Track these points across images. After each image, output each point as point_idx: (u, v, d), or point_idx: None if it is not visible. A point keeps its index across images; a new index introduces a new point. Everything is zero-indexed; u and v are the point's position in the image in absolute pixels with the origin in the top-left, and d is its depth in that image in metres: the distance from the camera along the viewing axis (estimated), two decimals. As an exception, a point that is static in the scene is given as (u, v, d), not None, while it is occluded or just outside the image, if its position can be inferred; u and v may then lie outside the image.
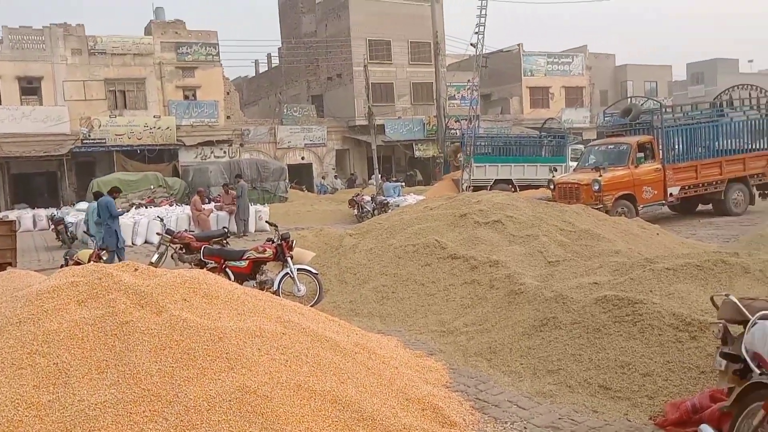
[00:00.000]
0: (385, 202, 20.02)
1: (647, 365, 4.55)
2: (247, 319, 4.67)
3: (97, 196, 13.11)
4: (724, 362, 3.51)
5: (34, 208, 26.05)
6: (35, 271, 9.87)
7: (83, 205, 23.05)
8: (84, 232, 14.84)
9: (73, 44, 30.49)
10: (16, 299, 4.55)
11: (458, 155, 27.25)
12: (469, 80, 32.60)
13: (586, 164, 15.97)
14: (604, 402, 4.42)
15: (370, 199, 21.03)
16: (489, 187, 21.61)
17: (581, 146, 26.31)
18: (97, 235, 12.70)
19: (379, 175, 25.77)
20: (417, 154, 36.22)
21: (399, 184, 25.01)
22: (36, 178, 31.14)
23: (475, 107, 26.66)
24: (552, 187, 15.86)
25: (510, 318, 5.96)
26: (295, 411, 3.80)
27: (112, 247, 11.58)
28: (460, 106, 36.97)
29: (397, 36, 36.37)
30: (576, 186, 14.79)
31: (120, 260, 10.22)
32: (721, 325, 3.60)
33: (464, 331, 6.27)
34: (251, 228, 19.31)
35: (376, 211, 19.77)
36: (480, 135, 25.64)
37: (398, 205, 19.08)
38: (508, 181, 23.13)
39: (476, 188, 21.07)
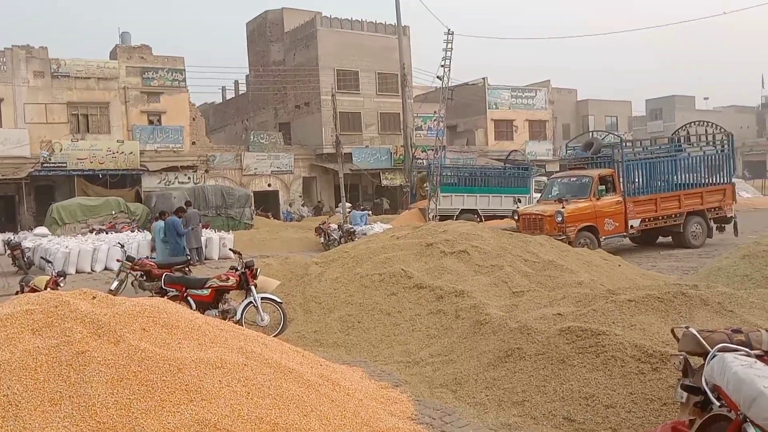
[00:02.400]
0: (352, 230, 19.99)
1: (610, 397, 4.58)
2: (208, 349, 4.57)
3: (161, 216, 14.45)
4: (685, 394, 3.56)
5: (-11, 233, 25.21)
6: (-13, 298, 9.53)
7: (42, 230, 22.46)
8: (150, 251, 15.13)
9: (36, 66, 29.99)
10: (-35, 328, 4.36)
11: (425, 184, 27.49)
12: (435, 111, 33.05)
13: (549, 196, 16.27)
14: (569, 434, 4.42)
15: (336, 227, 20.97)
16: (455, 217, 21.81)
17: (544, 178, 26.80)
18: (162, 253, 13.70)
19: (347, 203, 25.75)
20: (384, 182, 36.39)
21: (366, 212, 25.02)
22: (-8, 202, 30.27)
23: (441, 138, 26.97)
24: (516, 217, 16.07)
25: (475, 348, 5.95)
26: (257, 445, 3.70)
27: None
28: (426, 136, 37.39)
29: (365, 66, 36.78)
30: (540, 217, 15.02)
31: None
32: (681, 357, 3.65)
33: (430, 362, 6.24)
34: (215, 255, 19.02)
35: (342, 239, 19.70)
36: (446, 165, 25.94)
37: (365, 234, 19.07)
38: (474, 211, 23.39)
39: (443, 217, 21.21)
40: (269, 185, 35.12)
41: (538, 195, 23.22)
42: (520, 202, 21.92)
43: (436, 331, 6.84)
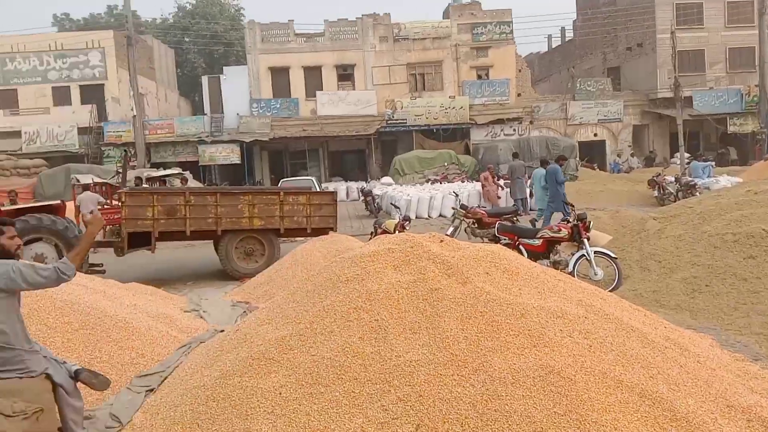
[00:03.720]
0: (693, 183, 18.00)
1: None
2: (548, 298, 4.61)
3: (543, 163, 14.61)
4: None
5: (346, 182, 29.56)
6: (350, 236, 11.19)
7: (387, 179, 25.44)
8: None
9: (381, 32, 33.47)
10: (343, 260, 5.17)
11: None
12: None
13: None
14: None
15: (673, 179, 19.13)
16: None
17: None
18: (541, 200, 14.18)
19: (686, 154, 23.23)
20: (731, 129, 31.73)
21: (709, 163, 22.22)
22: (348, 155, 35.28)
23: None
24: None
25: None
26: (601, 399, 3.63)
27: (559, 210, 12.65)
28: (791, 73, 31.20)
29: (712, -4, 32.10)
30: None
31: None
32: None
33: (800, 338, 5.32)
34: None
35: (680, 194, 17.93)
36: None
37: (708, 188, 17.05)
38: None
39: (812, 170, 17.67)
40: (595, 135, 33.64)
41: None
42: None
43: (809, 303, 5.78)
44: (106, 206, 12.83)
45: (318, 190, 16.33)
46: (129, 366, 4.94)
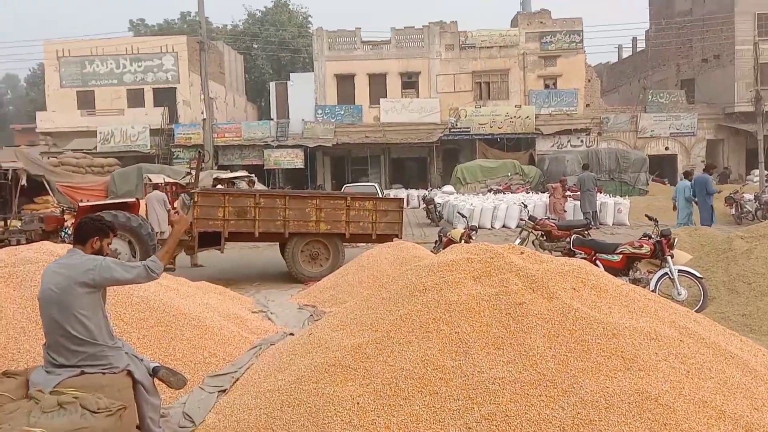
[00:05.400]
0: (775, 202, 17.04)
1: None
2: (639, 318, 4.33)
3: (687, 175, 13.94)
4: None
5: (407, 189, 29.47)
6: (415, 243, 11.04)
7: (448, 188, 25.21)
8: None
9: (447, 40, 33.30)
10: (419, 269, 5.02)
11: None
12: None
13: None
14: None
15: (753, 197, 18.16)
16: None
17: None
18: (683, 211, 13.48)
19: (765, 171, 22.04)
20: (818, 146, 29.98)
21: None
22: (409, 162, 35.19)
23: None
24: None
25: None
26: (702, 429, 3.35)
27: (706, 222, 12.45)
28: None
29: (799, 5, 30.49)
30: None
31: None
32: None
33: None
34: (609, 221, 18.51)
35: (759, 212, 17.01)
36: None
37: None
38: None
39: None
40: (666, 148, 32.42)
41: None
42: None
43: None
44: (168, 210, 13.07)
45: (381, 196, 16.25)
46: (201, 365, 4.93)
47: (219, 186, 16.05)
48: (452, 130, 31.69)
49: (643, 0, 45.35)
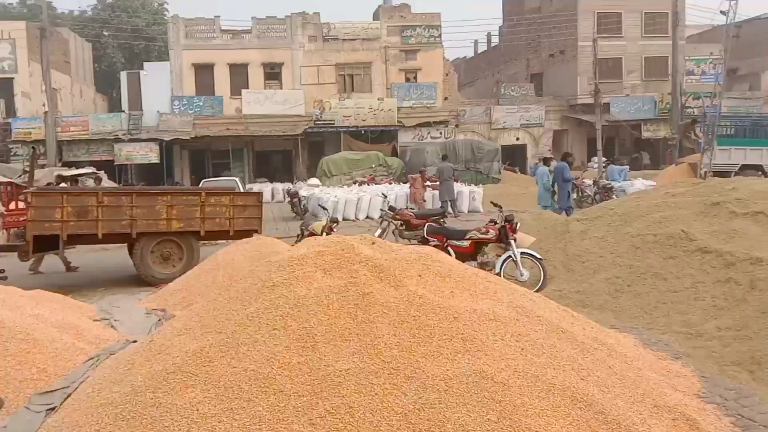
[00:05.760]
0: (609, 186, 18.70)
1: None
2: (480, 300, 4.53)
3: (545, 161, 15.42)
4: None
5: (272, 182, 29.00)
6: (277, 238, 10.86)
7: (314, 180, 25.10)
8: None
9: (310, 31, 33.11)
10: (269, 264, 4.91)
11: (691, 133, 24.46)
12: (712, 53, 29.01)
13: None
14: None
15: (591, 182, 19.81)
16: (733, 174, 19.12)
17: None
18: (543, 198, 14.57)
19: (602, 158, 24.16)
20: (645, 135, 33.35)
21: (625, 167, 23.21)
22: (274, 156, 34.66)
23: (720, 83, 23.58)
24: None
25: (780, 326, 5.06)
26: (534, 403, 3.56)
27: (564, 206, 13.58)
28: (699, 82, 33.19)
29: (630, 7, 33.64)
30: None
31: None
32: None
33: (717, 336, 5.49)
34: (464, 208, 19.36)
35: (597, 196, 18.57)
36: (725, 114, 22.69)
37: (623, 191, 17.73)
38: (758, 167, 20.21)
39: (718, 174, 18.71)
40: (517, 139, 34.55)
41: None
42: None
43: (724, 302, 5.99)
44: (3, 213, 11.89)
45: (241, 190, 15.83)
46: (29, 382, 4.49)
47: (63, 184, 14.80)
48: (317, 122, 31.61)
49: (495, -2, 47.94)
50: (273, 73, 33.23)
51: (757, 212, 7.30)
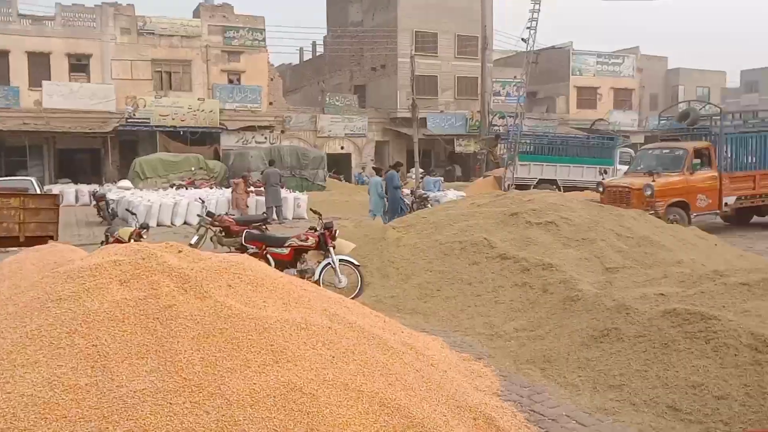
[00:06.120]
0: (425, 196, 19.66)
1: (722, 387, 4.17)
2: (293, 309, 4.44)
3: (377, 171, 16.39)
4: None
5: (76, 184, 26.47)
6: (76, 245, 9.86)
7: (125, 183, 23.34)
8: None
9: (123, 23, 30.85)
10: (57, 275, 4.39)
11: (494, 149, 26.81)
12: (515, 76, 31.92)
13: (638, 168, 15.39)
14: (674, 424, 4.06)
15: (409, 192, 20.70)
16: (532, 187, 21.13)
17: (630, 150, 25.55)
18: (376, 206, 15.01)
19: (420, 169, 25.44)
20: (458, 149, 35.77)
21: (439, 179, 24.64)
22: (80, 155, 31.67)
23: (522, 104, 26.04)
24: (601, 189, 15.31)
25: (566, 326, 5.61)
26: (342, 412, 3.54)
27: (396, 213, 14.03)
28: (505, 102, 36.38)
29: (444, 29, 35.92)
30: (627, 190, 14.24)
31: None
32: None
33: (515, 336, 5.95)
34: (289, 215, 19.22)
35: (414, 205, 19.45)
36: (525, 133, 25.07)
37: (438, 201, 18.75)
38: (553, 182, 22.56)
39: (519, 187, 20.59)
40: (342, 148, 35.19)
41: (622, 167, 22.18)
42: (606, 173, 20.96)
43: (521, 305, 6.52)
44: None
45: (38, 192, 14.22)
46: None
47: None
48: (129, 120, 29.50)
49: (322, 7, 48.54)
50: (79, 65, 30.40)
51: (548, 222, 8.08)
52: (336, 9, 41.96)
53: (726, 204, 14.62)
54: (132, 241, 8.99)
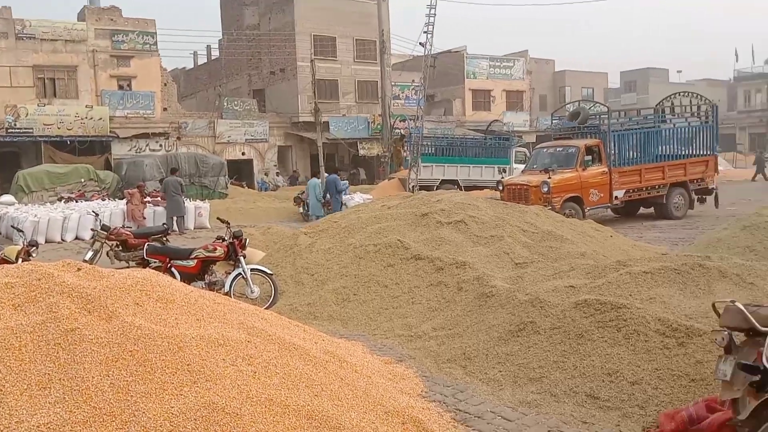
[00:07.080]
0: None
1: (635, 373, 4.37)
2: (208, 325, 4.22)
3: (314, 174, 15.71)
4: (728, 372, 3.33)
5: (-49, 201, 24.17)
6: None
7: (7, 198, 21.58)
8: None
9: (0, 27, 28.54)
10: (-64, 303, 3.92)
11: (400, 150, 27.18)
12: (413, 80, 32.44)
13: (534, 166, 16.07)
14: (593, 412, 4.21)
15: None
16: (435, 188, 21.56)
17: (524, 149, 26.66)
18: (316, 208, 15.89)
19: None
20: (361, 152, 35.88)
21: (345, 182, 24.58)
22: (-46, 169, 28.98)
23: (421, 107, 26.52)
24: (501, 188, 15.85)
25: (483, 322, 5.70)
26: (269, 429, 3.39)
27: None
28: (404, 106, 36.91)
29: (343, 32, 35.93)
30: (525, 187, 14.82)
31: None
32: (725, 333, 3.42)
33: (433, 336, 5.98)
34: (190, 225, 18.49)
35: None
36: (426, 135, 25.57)
37: (345, 205, 18.71)
38: (454, 182, 23.14)
39: (422, 188, 20.95)
40: (243, 154, 34.33)
41: (518, 165, 23.11)
42: (504, 172, 21.72)
43: (437, 304, 6.57)
44: None
45: None
46: None
47: None
48: (10, 130, 27.32)
49: (216, 10, 47.22)
50: (-51, 72, 27.86)
51: (458, 221, 8.22)
52: (231, 12, 40.93)
53: (616, 197, 15.55)
54: (20, 260, 8.28)
